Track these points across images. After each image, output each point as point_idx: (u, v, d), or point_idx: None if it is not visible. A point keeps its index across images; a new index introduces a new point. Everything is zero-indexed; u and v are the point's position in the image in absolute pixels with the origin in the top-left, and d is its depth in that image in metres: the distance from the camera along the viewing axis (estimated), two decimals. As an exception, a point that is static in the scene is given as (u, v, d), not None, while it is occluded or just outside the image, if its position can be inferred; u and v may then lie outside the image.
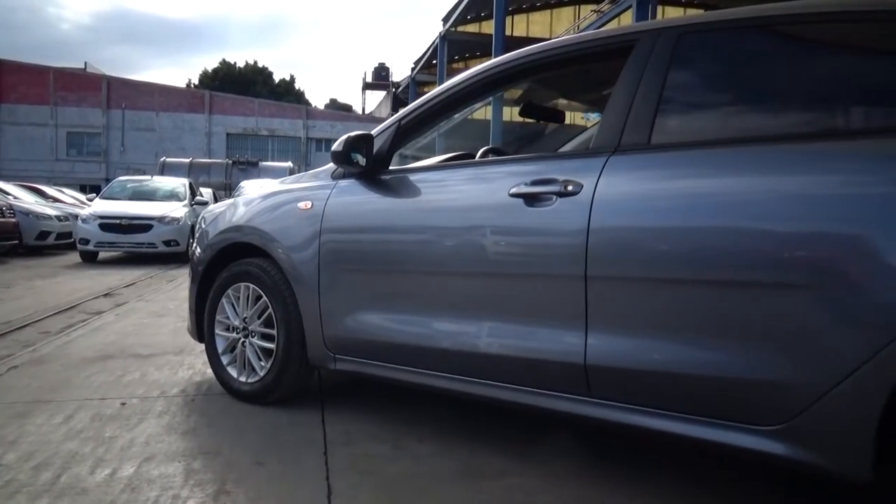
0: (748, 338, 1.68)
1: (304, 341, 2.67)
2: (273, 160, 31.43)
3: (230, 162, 25.20)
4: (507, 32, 19.97)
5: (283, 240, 2.72)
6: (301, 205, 2.71)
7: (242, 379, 2.87)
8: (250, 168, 24.21)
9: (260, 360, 2.82)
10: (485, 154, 2.90)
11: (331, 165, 2.69)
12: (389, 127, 2.58)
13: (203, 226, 3.23)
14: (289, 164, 25.63)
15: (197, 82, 49.79)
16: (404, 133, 2.59)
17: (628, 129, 1.98)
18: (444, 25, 24.98)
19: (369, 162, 2.50)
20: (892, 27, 1.72)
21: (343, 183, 2.64)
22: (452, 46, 24.85)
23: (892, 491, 1.61)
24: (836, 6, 1.81)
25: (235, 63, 50.85)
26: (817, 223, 1.60)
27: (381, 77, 37.34)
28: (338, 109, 46.10)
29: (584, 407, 1.99)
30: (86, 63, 40.62)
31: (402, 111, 2.62)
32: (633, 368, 1.85)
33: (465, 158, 2.92)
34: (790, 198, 1.65)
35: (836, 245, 1.56)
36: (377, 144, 2.55)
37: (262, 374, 2.80)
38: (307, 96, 58.67)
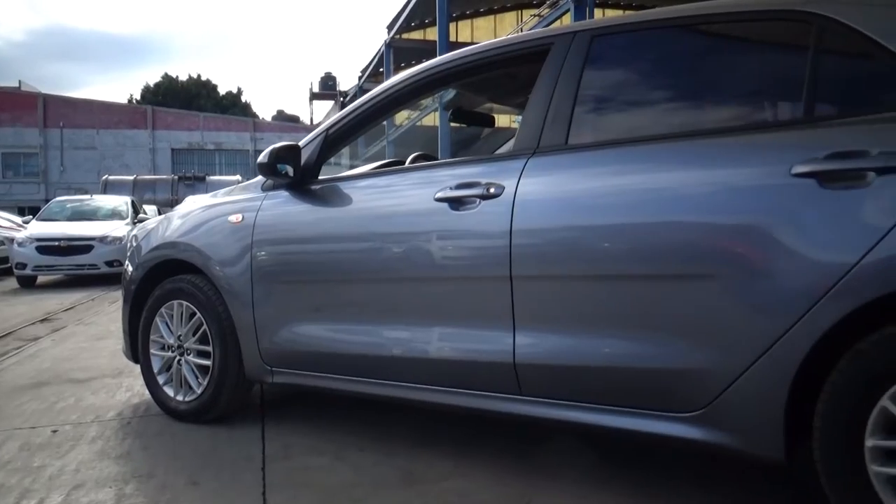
0: (663, 328, 1.73)
1: (240, 356, 2.64)
2: (221, 174, 30.86)
3: (176, 178, 24.62)
4: (452, 38, 20.10)
5: (214, 255, 2.68)
6: (231, 218, 2.68)
7: (179, 398, 2.81)
8: (197, 183, 23.70)
9: (197, 377, 2.77)
10: (415, 160, 2.92)
11: (261, 178, 2.67)
12: (317, 137, 2.58)
13: (134, 243, 3.16)
14: (237, 177, 25.18)
15: (139, 98, 48.56)
16: (332, 142, 2.59)
17: (546, 130, 2.02)
18: (388, 33, 24.98)
19: (297, 173, 2.49)
20: (788, 26, 1.80)
21: (273, 195, 2.62)
22: (398, 54, 24.87)
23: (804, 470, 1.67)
24: (733, 7, 1.88)
25: (178, 77, 49.77)
26: (721, 215, 1.66)
27: (328, 87, 37.10)
28: (285, 121, 45.63)
29: (516, 405, 2.01)
30: (20, 81, 39.18)
31: (328, 121, 2.62)
32: (560, 364, 1.89)
33: (395, 165, 2.94)
34: (695, 191, 1.71)
35: (740, 235, 1.63)
36: (305, 155, 2.54)
37: (199, 391, 2.75)
38: (254, 108, 57.82)
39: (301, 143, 2.57)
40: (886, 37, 1.60)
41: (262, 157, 2.45)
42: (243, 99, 52.17)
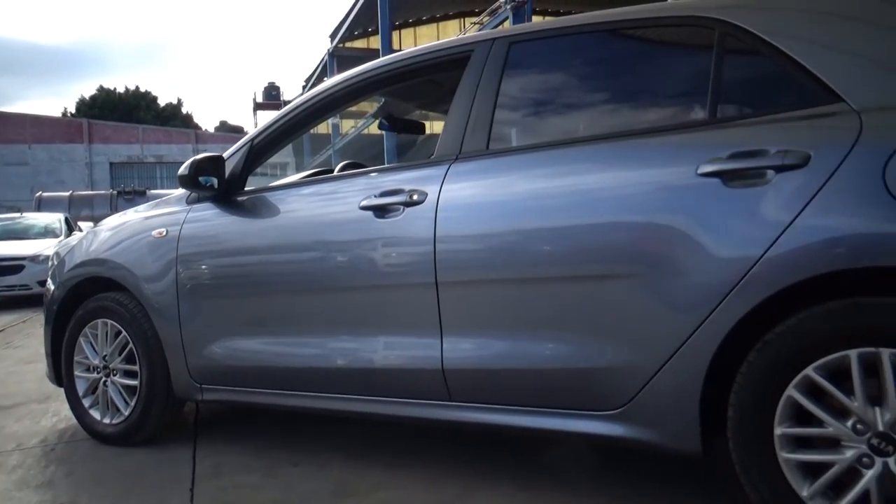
0: (583, 329, 1.76)
1: (168, 375, 2.56)
2: (162, 188, 29.95)
3: (115, 192, 23.82)
4: (395, 46, 20.11)
5: (138, 270, 2.60)
6: (155, 232, 2.61)
7: (106, 421, 2.71)
8: (138, 198, 22.92)
9: (124, 398, 2.68)
10: (343, 169, 2.90)
11: (185, 190, 2.61)
12: (241, 148, 2.53)
13: (56, 261, 3.04)
14: (180, 191, 24.55)
15: (74, 111, 46.88)
16: (258, 152, 2.54)
17: (468, 136, 2.04)
18: (331, 42, 24.83)
19: (221, 184, 2.44)
20: (694, 31, 1.86)
21: (198, 207, 2.56)
22: (342, 62, 24.70)
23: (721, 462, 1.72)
24: (642, 13, 1.94)
25: (115, 89, 48.27)
26: (634, 216, 1.70)
27: (271, 96, 36.57)
28: (229, 132, 44.74)
29: (446, 412, 2.02)
30: (-57, 96, 37.34)
31: (253, 131, 2.57)
32: (487, 369, 1.90)
33: (325, 174, 2.91)
34: (609, 193, 1.75)
35: (652, 235, 1.67)
36: (230, 166, 2.49)
37: (126, 413, 2.65)
38: (196, 119, 56.56)
39: (225, 154, 2.52)
40: (783, 40, 1.68)
41: (182, 170, 2.39)
42: (184, 110, 50.96)
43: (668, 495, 1.98)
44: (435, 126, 5.92)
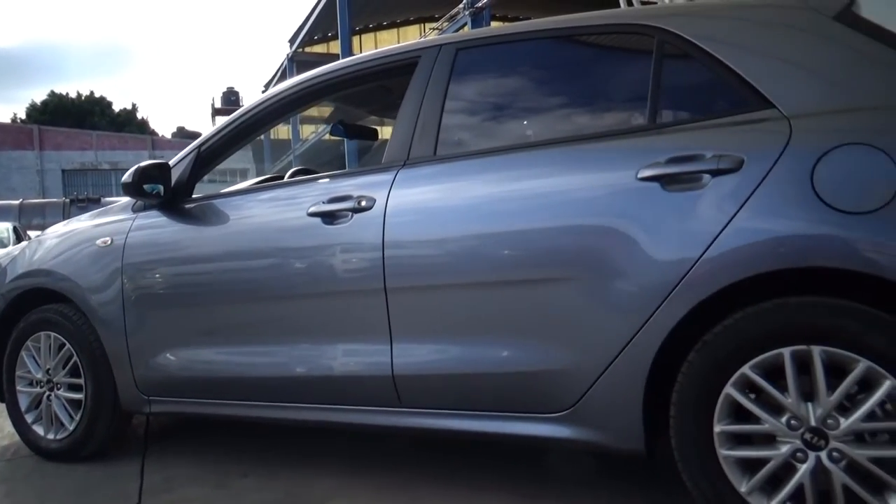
0: (529, 332, 1.78)
1: (114, 387, 2.50)
2: (118, 195, 29.28)
3: (68, 200, 23.16)
4: (356, 51, 20.04)
5: (82, 281, 2.53)
6: (100, 241, 2.54)
7: (51, 436, 2.63)
8: (91, 205, 22.29)
9: (69, 413, 2.60)
10: (294, 175, 2.87)
11: (131, 198, 2.55)
12: (189, 154, 2.49)
13: (-3, 273, 2.94)
14: (127, 198, 23.95)
15: (24, 117, 45.45)
16: (206, 159, 2.50)
17: (416, 142, 2.04)
18: (291, 47, 24.61)
19: (167, 192, 2.40)
20: (634, 39, 1.90)
21: (144, 215, 2.51)
22: (301, 67, 24.47)
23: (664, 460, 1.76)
24: (585, 21, 1.98)
25: (68, 94, 46.97)
26: (578, 220, 1.73)
27: (230, 102, 36.00)
28: (186, 138, 43.88)
29: (397, 418, 2.01)
30: None
31: (201, 137, 2.54)
32: (436, 374, 1.91)
33: (276, 181, 2.88)
34: (554, 198, 1.78)
35: (595, 239, 1.70)
36: (177, 173, 2.45)
37: (71, 428, 2.58)
38: (152, 125, 55.41)
39: (172, 162, 2.47)
40: (718, 48, 1.72)
41: (126, 177, 2.34)
42: (140, 115, 49.94)
43: (619, 494, 2.01)
44: (389, 132, 5.90)
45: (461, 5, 11.80)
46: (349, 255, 2.03)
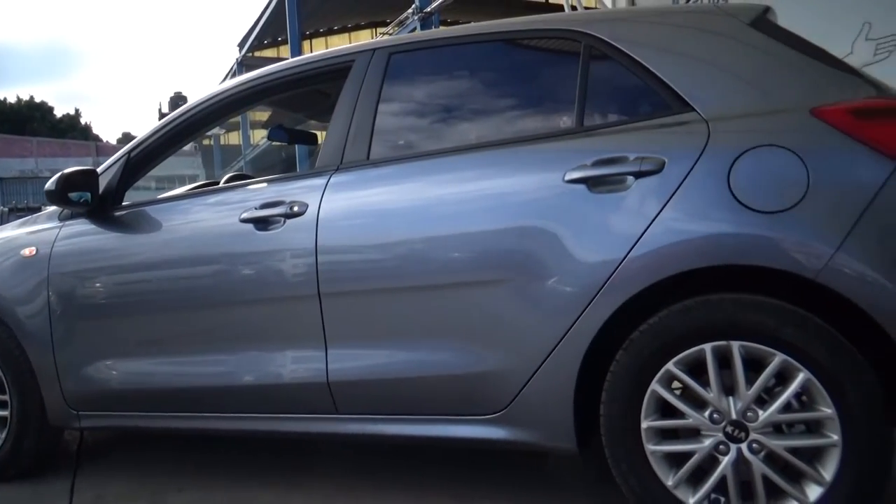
0: (462, 335, 1.79)
1: (42, 403, 2.40)
2: (60, 204, 28.18)
3: (6, 210, 22.26)
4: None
5: (5, 292, 2.43)
6: (25, 251, 2.45)
7: (-25, 457, 2.51)
8: (32, 215, 21.58)
9: (-7, 431, 2.49)
10: (230, 180, 2.82)
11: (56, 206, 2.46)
12: (118, 161, 2.42)
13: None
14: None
15: (-42, 123, 43.52)
16: (137, 165, 2.43)
17: (349, 146, 2.03)
18: (240, 51, 24.21)
19: (95, 199, 2.32)
20: (563, 44, 1.93)
21: (71, 223, 2.42)
22: (251, 71, 24.18)
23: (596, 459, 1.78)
24: (516, 26, 2.01)
25: (6, 99, 45.26)
26: (507, 223, 1.75)
27: (177, 106, 35.06)
28: (133, 143, 42.70)
29: (334, 425, 1.99)
30: None
31: (131, 143, 2.47)
32: (371, 379, 1.89)
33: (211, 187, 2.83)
34: (485, 202, 1.79)
35: (523, 241, 1.72)
36: (105, 179, 2.37)
37: (-4, 447, 2.46)
38: (96, 131, 53.73)
39: (100, 169, 2.40)
40: (641, 53, 1.77)
41: (49, 185, 2.25)
42: (83, 121, 48.47)
43: (552, 494, 2.03)
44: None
45: (410, 10, 11.81)
46: (282, 262, 2.00)
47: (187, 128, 2.43)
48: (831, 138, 1.53)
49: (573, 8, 7.06)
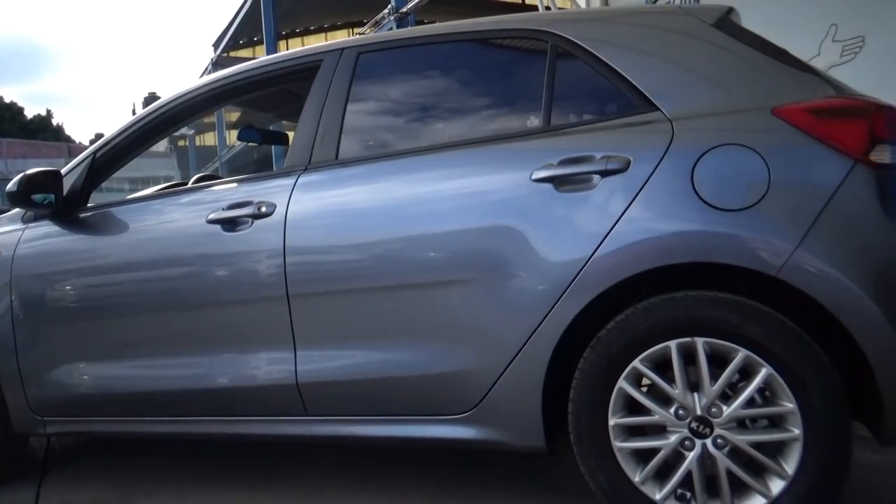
0: (432, 335, 1.79)
1: (6, 409, 2.35)
2: (30, 206, 27.61)
3: (-27, 212, 21.77)
4: (283, 56, 19.60)
5: (-33, 297, 2.37)
6: (-13, 255, 2.39)
7: (-63, 465, 2.45)
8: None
9: (-44, 439, 2.43)
10: (198, 181, 2.79)
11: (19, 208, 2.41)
12: (83, 161, 2.37)
13: None
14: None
15: (-77, 125, 42.45)
16: (102, 165, 2.39)
17: (317, 146, 2.02)
18: (215, 51, 23.94)
19: (59, 201, 2.28)
20: (530, 43, 1.94)
21: (35, 226, 2.37)
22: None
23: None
24: (484, 26, 2.01)
25: (-25, 100, 44.26)
26: (476, 222, 1.75)
27: (152, 107, 34.83)
28: (107, 144, 41.96)
29: (304, 427, 1.98)
30: None
31: (96, 143, 2.43)
32: (340, 381, 1.88)
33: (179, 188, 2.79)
34: (454, 202, 1.79)
35: (491, 240, 1.72)
36: (70, 180, 2.33)
37: (-41, 455, 2.41)
38: (68, 132, 52.81)
39: (64, 170, 2.36)
40: (607, 53, 1.78)
41: (10, 186, 2.20)
42: (55, 122, 47.59)
43: (525, 494, 2.04)
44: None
45: (386, 10, 11.78)
46: (250, 263, 1.98)
47: (154, 128, 2.40)
48: (792, 137, 1.56)
49: (547, 8, 7.09)
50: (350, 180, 1.95)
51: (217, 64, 23.60)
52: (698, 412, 1.56)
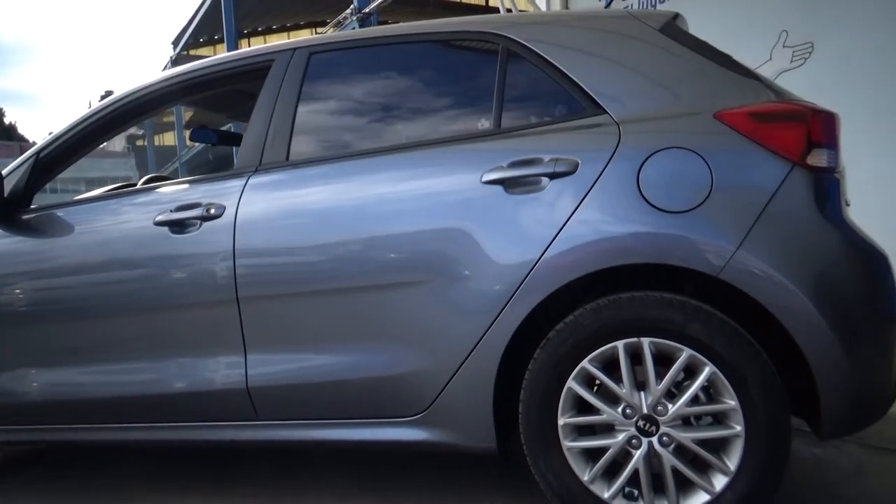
0: (383, 338, 1.78)
1: (-56, 418, 2.26)
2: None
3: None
4: (244, 55, 19.30)
5: None
6: (-78, 259, 2.30)
7: None
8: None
9: None
10: (148, 182, 2.73)
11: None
12: (25, 162, 2.30)
13: None
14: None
15: None
16: (46, 166, 2.32)
17: (268, 147, 1.99)
18: (174, 49, 23.49)
19: (0, 203, 2.20)
20: (482, 46, 1.95)
21: (-27, 228, 2.29)
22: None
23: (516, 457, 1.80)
24: (437, 28, 2.01)
25: (-81, 97, 42.61)
26: (426, 224, 1.75)
27: (109, 106, 33.93)
28: (62, 144, 40.82)
29: (255, 432, 1.95)
30: None
31: (40, 143, 2.36)
32: (291, 384, 1.86)
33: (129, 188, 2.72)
34: (404, 204, 1.79)
35: (442, 242, 1.72)
36: (11, 182, 2.26)
37: None
38: (22, 131, 51.25)
39: (5, 171, 2.28)
40: (557, 56, 1.80)
41: (-53, 188, 2.13)
42: (7, 121, 46.13)
43: (484, 494, 2.04)
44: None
45: (349, 10, 11.71)
46: (199, 266, 1.95)
47: (102, 126, 2.34)
48: (733, 141, 1.59)
49: (508, 11, 7.14)
50: (301, 182, 1.93)
51: (176, 62, 23.15)
52: (645, 410, 1.58)
